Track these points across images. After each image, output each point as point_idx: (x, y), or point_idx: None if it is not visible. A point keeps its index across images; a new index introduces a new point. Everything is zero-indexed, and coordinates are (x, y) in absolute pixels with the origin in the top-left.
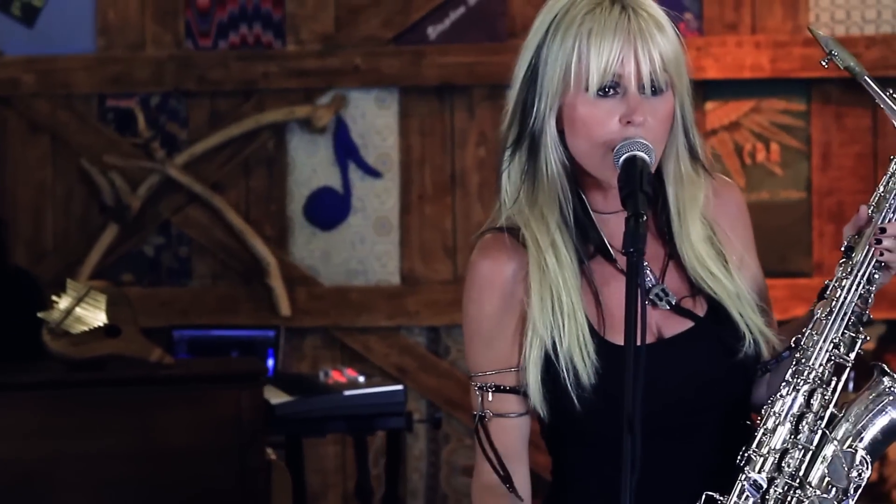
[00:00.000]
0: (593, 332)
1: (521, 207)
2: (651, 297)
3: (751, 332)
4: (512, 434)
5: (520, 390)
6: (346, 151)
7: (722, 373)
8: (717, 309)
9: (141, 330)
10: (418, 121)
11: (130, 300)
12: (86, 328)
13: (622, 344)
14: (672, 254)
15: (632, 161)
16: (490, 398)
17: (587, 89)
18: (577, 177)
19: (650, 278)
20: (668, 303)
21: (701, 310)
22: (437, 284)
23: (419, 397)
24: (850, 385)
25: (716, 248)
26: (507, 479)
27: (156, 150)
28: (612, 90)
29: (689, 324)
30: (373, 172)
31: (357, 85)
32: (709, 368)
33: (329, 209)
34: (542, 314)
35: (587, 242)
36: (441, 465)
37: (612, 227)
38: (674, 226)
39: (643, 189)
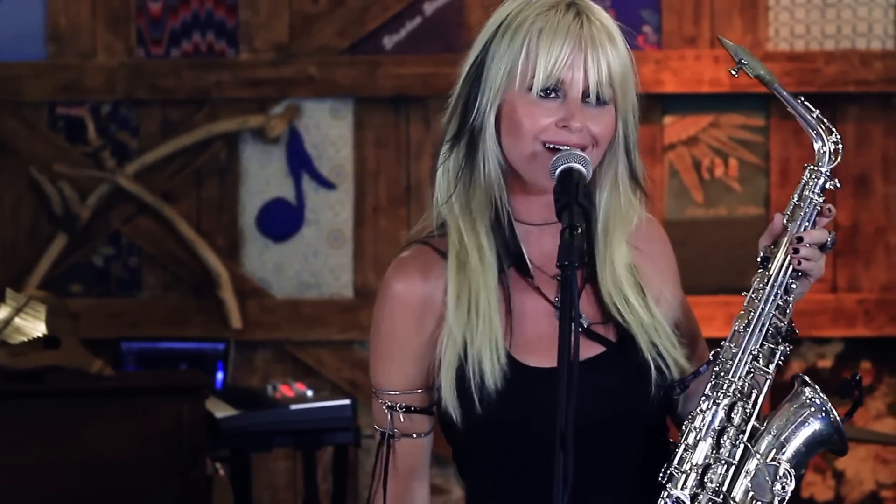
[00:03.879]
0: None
1: (453, 205)
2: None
3: (663, 362)
4: (418, 453)
5: (430, 410)
6: (299, 162)
7: (636, 396)
8: (626, 337)
9: (87, 341)
10: (373, 132)
11: (71, 310)
12: (24, 339)
13: (525, 363)
14: (590, 276)
15: (568, 173)
16: (401, 418)
17: (530, 88)
18: (507, 182)
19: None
20: (581, 325)
21: (611, 336)
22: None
23: (371, 412)
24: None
25: (635, 276)
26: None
27: (106, 159)
28: (553, 93)
29: (601, 348)
30: (326, 184)
31: (311, 95)
32: (623, 392)
33: (282, 221)
34: (457, 313)
35: (507, 252)
36: None
37: (533, 239)
38: (598, 247)
39: (579, 201)
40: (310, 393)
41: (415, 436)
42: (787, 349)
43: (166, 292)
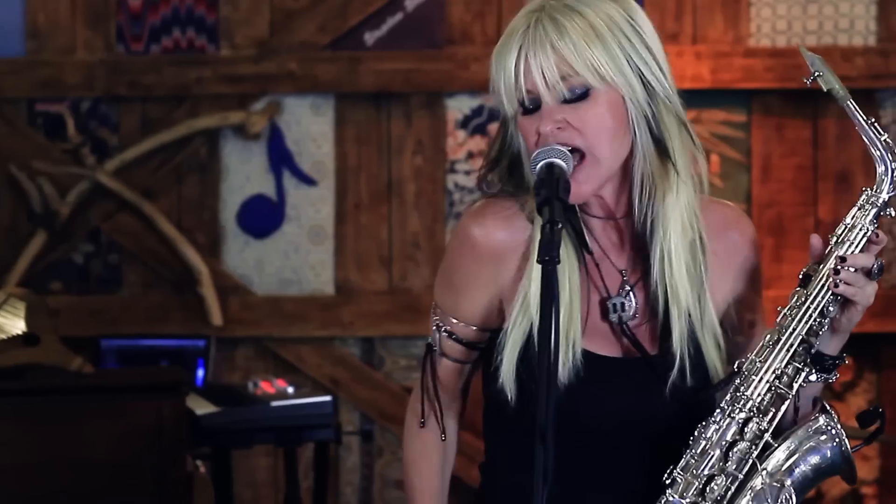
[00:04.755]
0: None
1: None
2: (608, 304)
3: (698, 359)
4: (450, 375)
5: (470, 345)
6: (280, 159)
7: (662, 404)
8: (668, 343)
9: (67, 339)
10: (354, 128)
11: (50, 308)
12: (3, 336)
13: (596, 352)
14: (644, 270)
15: (548, 168)
16: (441, 339)
17: (512, 109)
18: None
19: (627, 289)
20: (620, 317)
21: (654, 340)
22: (371, 295)
23: (352, 409)
24: None
25: (695, 268)
26: (440, 413)
27: (86, 155)
28: (532, 105)
29: (636, 352)
30: (307, 180)
31: (292, 91)
32: (649, 398)
33: (263, 217)
34: (536, 298)
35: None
36: (374, 478)
37: (597, 232)
38: (653, 239)
39: (559, 196)
40: (291, 390)
41: (451, 360)
42: (812, 370)
43: (146, 289)
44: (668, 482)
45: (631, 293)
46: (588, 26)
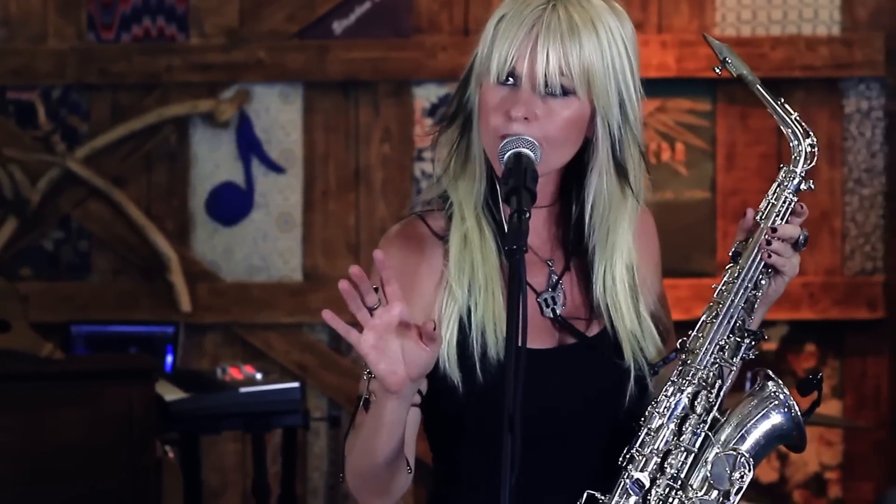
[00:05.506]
0: None
1: (452, 179)
2: (539, 300)
3: (647, 370)
4: None
5: None
6: (249, 146)
7: (608, 384)
8: (603, 332)
9: (37, 325)
10: (322, 116)
11: (21, 294)
12: None
13: (539, 348)
14: (584, 270)
15: (516, 158)
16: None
17: (492, 78)
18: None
19: (553, 279)
20: (554, 311)
21: (589, 328)
22: (339, 281)
23: (320, 395)
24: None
25: (633, 281)
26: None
27: (56, 143)
28: (510, 80)
29: (573, 339)
30: (276, 168)
31: (261, 79)
32: (597, 381)
33: (231, 204)
34: (460, 276)
35: (501, 233)
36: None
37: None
38: (597, 246)
39: (527, 186)
40: (259, 376)
41: None
42: (752, 342)
43: (116, 276)
44: (625, 462)
45: (560, 283)
46: (596, 37)
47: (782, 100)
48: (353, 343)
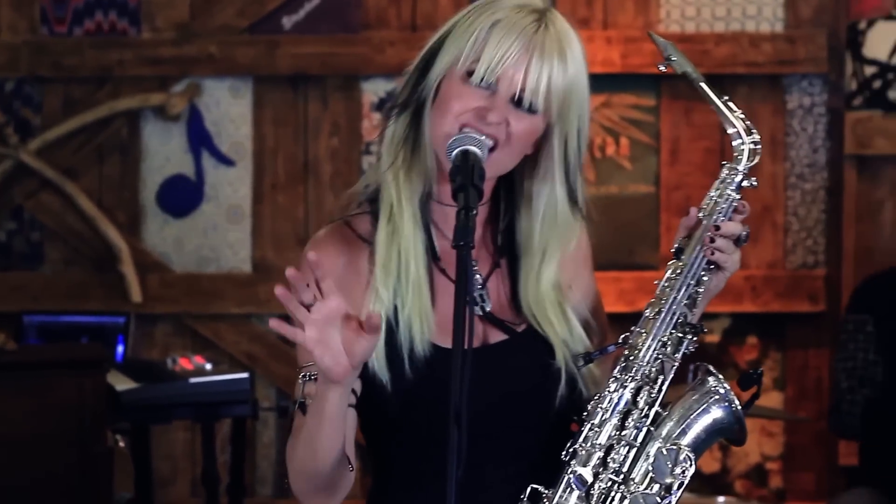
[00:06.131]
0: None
1: (398, 172)
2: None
3: (578, 375)
4: None
5: None
6: (199, 139)
7: (539, 382)
8: (530, 329)
9: None
10: (272, 110)
11: None
12: None
13: (437, 343)
14: (510, 272)
15: (464, 155)
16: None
17: (469, 73)
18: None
19: (478, 279)
20: (482, 309)
21: (517, 327)
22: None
23: (269, 385)
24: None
25: (560, 293)
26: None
27: (9, 135)
28: (487, 85)
29: (503, 335)
30: (226, 161)
31: (211, 73)
32: (527, 377)
33: (182, 197)
34: (385, 279)
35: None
36: None
37: (451, 221)
38: (528, 257)
39: (474, 183)
40: (209, 366)
41: None
42: (693, 338)
43: (68, 266)
44: (568, 457)
45: (482, 284)
46: (576, 67)
47: (726, 98)
48: (300, 342)
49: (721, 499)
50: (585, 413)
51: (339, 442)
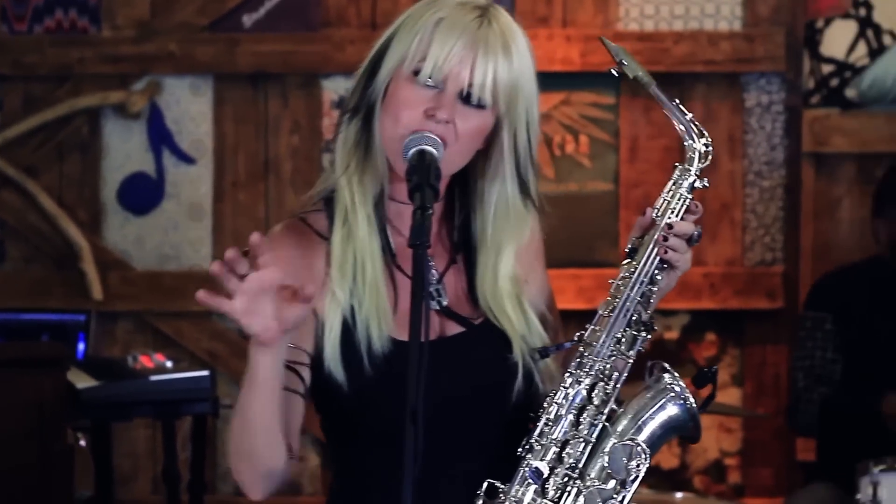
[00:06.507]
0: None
1: (351, 174)
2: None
3: (535, 368)
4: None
5: (293, 367)
6: (160, 137)
7: (496, 374)
8: (487, 322)
9: None
10: (232, 108)
11: None
12: None
13: (396, 337)
14: (466, 268)
15: (420, 155)
16: None
17: (416, 73)
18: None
19: (434, 274)
20: (439, 303)
21: (472, 311)
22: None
23: (230, 382)
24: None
25: (517, 287)
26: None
27: None
28: (434, 83)
29: (460, 328)
30: (186, 159)
31: (172, 71)
32: (485, 370)
33: (142, 194)
34: (342, 279)
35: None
36: None
37: (407, 219)
38: (483, 252)
39: (430, 183)
40: (169, 364)
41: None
42: (648, 336)
43: (28, 264)
44: (524, 452)
45: (438, 279)
46: (519, 57)
47: (677, 101)
48: (227, 312)
49: (679, 494)
50: (542, 408)
51: (272, 416)
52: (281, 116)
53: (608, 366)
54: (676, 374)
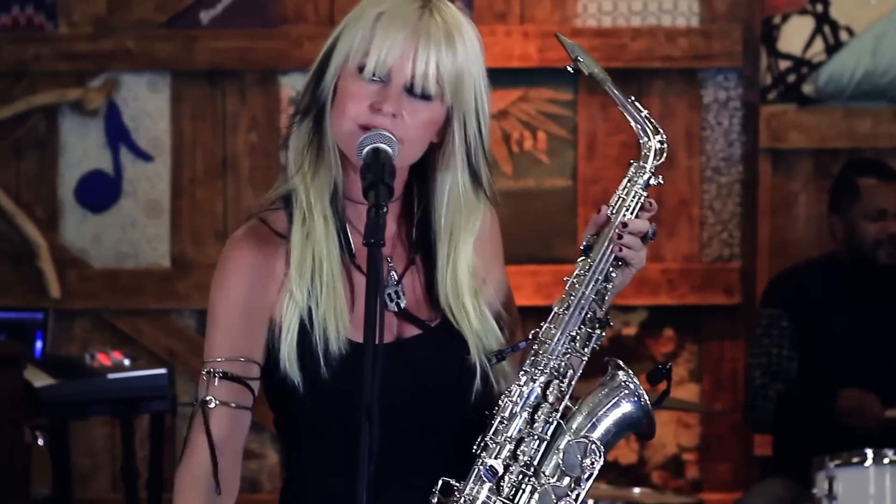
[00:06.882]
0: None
1: (305, 175)
2: (383, 295)
3: (490, 368)
4: (230, 424)
5: (246, 382)
6: (117, 135)
7: (454, 376)
8: (445, 323)
9: None
10: (190, 105)
11: None
12: None
13: (351, 338)
14: (427, 270)
15: (375, 153)
16: (216, 384)
17: (360, 69)
18: (343, 160)
19: (393, 276)
20: (398, 305)
21: (430, 313)
22: (207, 268)
23: (189, 380)
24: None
25: (476, 279)
26: (215, 468)
27: None
28: (379, 77)
29: (417, 330)
30: (144, 156)
31: (129, 68)
32: (441, 372)
33: (100, 192)
34: (300, 280)
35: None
36: None
37: (364, 218)
38: (440, 245)
39: (385, 181)
40: (127, 362)
41: (232, 405)
42: (602, 334)
43: None
44: (479, 449)
45: (397, 280)
46: (464, 46)
47: (633, 98)
48: None
49: (637, 490)
50: (497, 407)
51: None
52: (239, 113)
53: (563, 363)
54: (631, 371)
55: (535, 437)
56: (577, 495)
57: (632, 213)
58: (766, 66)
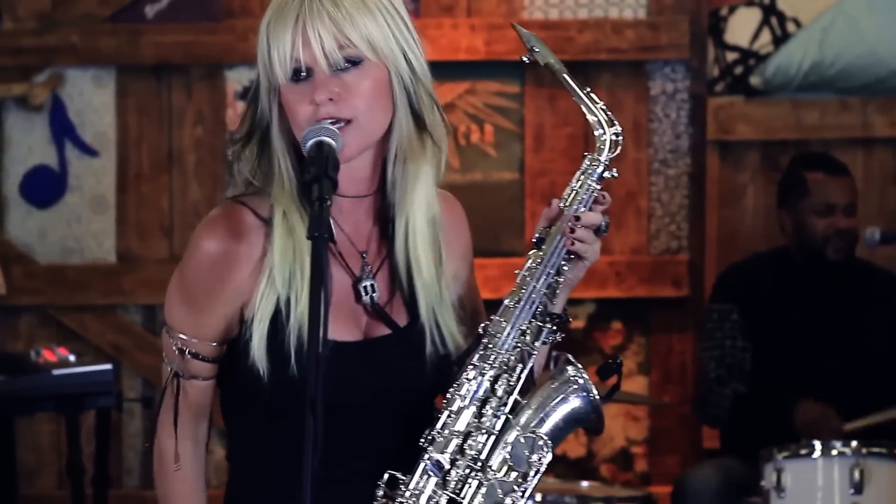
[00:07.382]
0: None
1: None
2: (360, 287)
3: (437, 331)
4: (202, 394)
5: (215, 360)
6: (62, 130)
7: (419, 375)
8: (413, 321)
9: None
10: (135, 99)
11: None
12: None
13: (330, 336)
14: (389, 250)
15: (318, 146)
16: (187, 360)
17: (283, 78)
18: None
19: (368, 269)
20: (372, 299)
21: (401, 314)
22: (153, 263)
23: (135, 375)
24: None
25: (435, 246)
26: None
27: None
28: (302, 74)
29: (388, 330)
30: (89, 151)
31: (74, 63)
32: (407, 371)
33: (45, 187)
34: (281, 273)
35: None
36: None
37: (346, 212)
38: (395, 201)
39: (328, 174)
40: (72, 358)
41: (200, 379)
42: (553, 328)
43: None
44: (426, 443)
45: (372, 275)
46: (363, 3)
47: (588, 89)
48: None
49: (586, 483)
50: (444, 400)
51: None
52: (184, 108)
53: (512, 357)
54: (580, 365)
55: (483, 431)
56: (525, 490)
57: (585, 206)
58: (713, 57)
